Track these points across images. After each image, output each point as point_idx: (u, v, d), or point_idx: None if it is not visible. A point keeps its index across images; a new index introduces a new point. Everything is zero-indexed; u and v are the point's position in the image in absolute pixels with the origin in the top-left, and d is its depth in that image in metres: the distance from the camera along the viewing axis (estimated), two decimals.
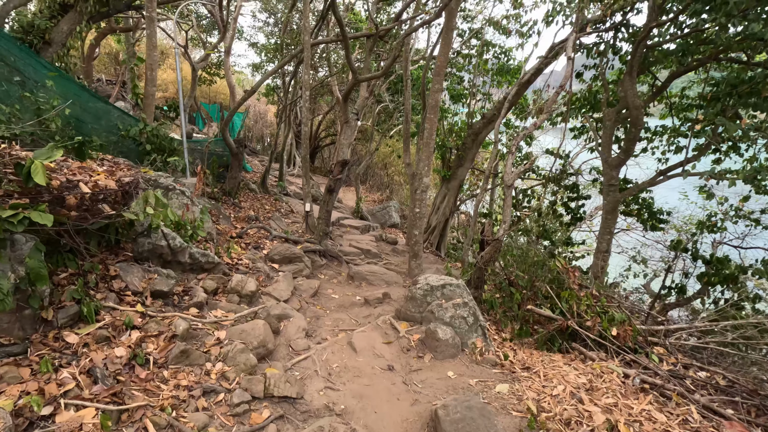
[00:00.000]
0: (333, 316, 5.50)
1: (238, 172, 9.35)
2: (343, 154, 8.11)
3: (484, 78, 12.05)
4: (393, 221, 15.17)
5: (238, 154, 9.25)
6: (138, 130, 6.49)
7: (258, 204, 10.42)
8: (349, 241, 10.46)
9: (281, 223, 8.97)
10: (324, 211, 7.99)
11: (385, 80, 14.79)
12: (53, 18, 8.03)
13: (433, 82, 6.78)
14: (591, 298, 5.16)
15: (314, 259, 7.42)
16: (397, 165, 17.70)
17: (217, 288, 4.58)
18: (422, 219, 7.21)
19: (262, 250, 6.82)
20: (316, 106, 20.95)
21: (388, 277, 7.10)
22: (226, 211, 8.34)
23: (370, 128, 15.39)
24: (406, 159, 10.90)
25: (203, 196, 7.85)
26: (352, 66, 7.17)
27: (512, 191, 5.64)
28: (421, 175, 7.07)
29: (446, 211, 11.63)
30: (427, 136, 6.92)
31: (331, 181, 7.86)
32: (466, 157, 11.35)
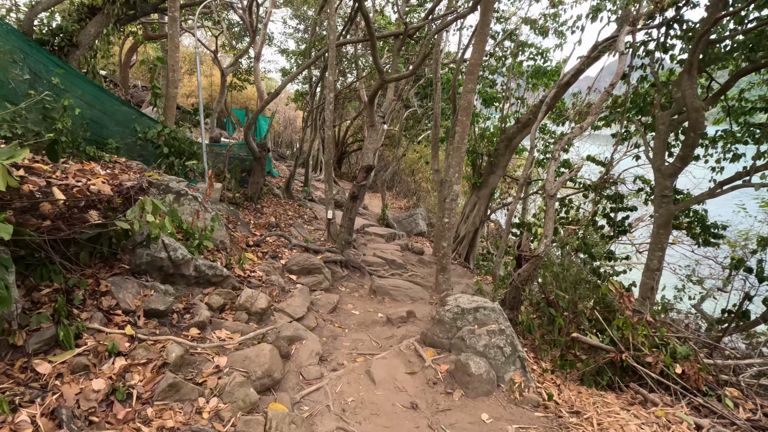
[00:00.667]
0: (352, 336, 4.96)
1: (260, 177, 8.99)
2: (368, 159, 7.61)
3: (519, 81, 11.34)
4: (420, 229, 14.56)
5: (261, 158, 8.89)
6: (156, 133, 6.17)
7: (281, 210, 10.05)
8: (374, 250, 9.93)
9: (303, 231, 8.53)
10: (347, 218, 7.50)
11: (414, 84, 14.27)
12: (81, 21, 7.90)
13: (465, 82, 6.20)
14: (648, 328, 4.42)
15: (335, 271, 6.92)
16: (425, 171, 17.10)
17: (224, 304, 4.12)
18: (451, 230, 6.61)
19: (280, 260, 6.37)
20: (344, 112, 20.64)
21: (413, 292, 6.51)
22: (246, 217, 7.96)
23: (397, 133, 14.88)
24: (434, 165, 10.31)
25: (222, 202, 7.50)
26: (378, 66, 6.67)
27: (555, 202, 4.98)
28: (450, 183, 6.47)
29: (476, 220, 10.95)
30: (458, 140, 6.32)
31: (355, 187, 7.36)
32: (498, 163, 10.66)
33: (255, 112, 8.33)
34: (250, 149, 8.63)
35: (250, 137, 8.46)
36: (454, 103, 10.10)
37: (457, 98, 10.11)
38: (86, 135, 5.39)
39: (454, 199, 6.50)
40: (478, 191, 11.01)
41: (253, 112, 8.41)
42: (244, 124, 8.19)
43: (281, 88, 8.05)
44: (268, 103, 8.21)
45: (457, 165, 6.43)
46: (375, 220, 14.04)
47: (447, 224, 6.58)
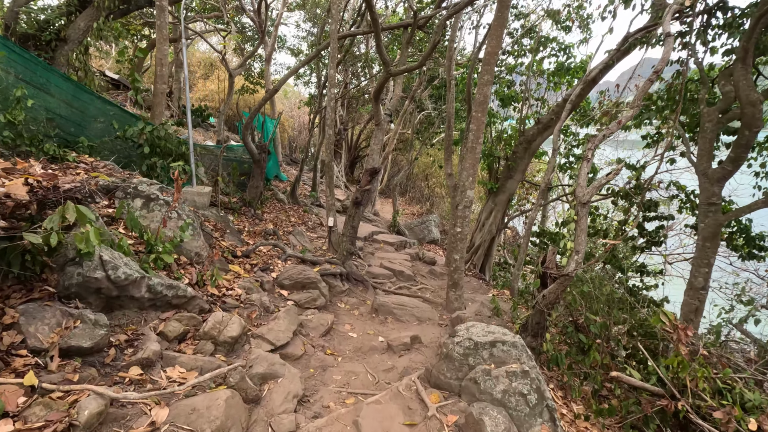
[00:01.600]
0: (345, 366, 4.15)
1: (259, 181, 8.28)
2: (373, 161, 6.83)
3: (539, 79, 10.43)
4: (432, 237, 13.70)
5: (260, 161, 8.18)
6: (137, 131, 5.50)
7: (283, 216, 9.32)
8: (381, 259, 9.11)
9: (303, 239, 7.77)
10: (349, 226, 6.71)
11: (427, 86, 13.47)
12: (70, 14, 7.33)
13: (481, 73, 5.37)
14: (709, 369, 3.49)
15: (334, 285, 6.12)
16: (439, 176, 16.25)
17: (184, 332, 3.35)
18: (464, 241, 5.76)
19: (271, 273, 5.61)
20: (357, 115, 19.95)
21: (420, 311, 5.66)
22: (241, 224, 7.24)
23: (410, 137, 14.08)
24: (447, 169, 9.46)
25: (214, 207, 6.79)
26: (383, 57, 5.89)
27: (587, 211, 4.11)
28: (464, 188, 5.63)
29: (492, 228, 10.05)
30: (472, 140, 5.48)
31: (358, 192, 6.57)
32: (516, 167, 9.75)
33: (253, 110, 7.64)
34: (249, 151, 7.94)
35: (248, 138, 7.77)
36: (469, 103, 9.26)
37: (473, 98, 9.26)
38: (53, 132, 4.73)
39: (468, 206, 5.65)
40: (494, 197, 10.11)
41: (251, 111, 7.72)
42: (243, 124, 7.49)
43: (279, 85, 7.35)
44: (266, 100, 7.52)
45: (471, 168, 5.58)
46: (385, 226, 13.24)
47: (459, 234, 5.73)
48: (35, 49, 7.00)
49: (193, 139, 5.92)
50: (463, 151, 9.45)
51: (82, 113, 5.19)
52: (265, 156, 8.19)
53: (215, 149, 9.20)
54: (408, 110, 13.20)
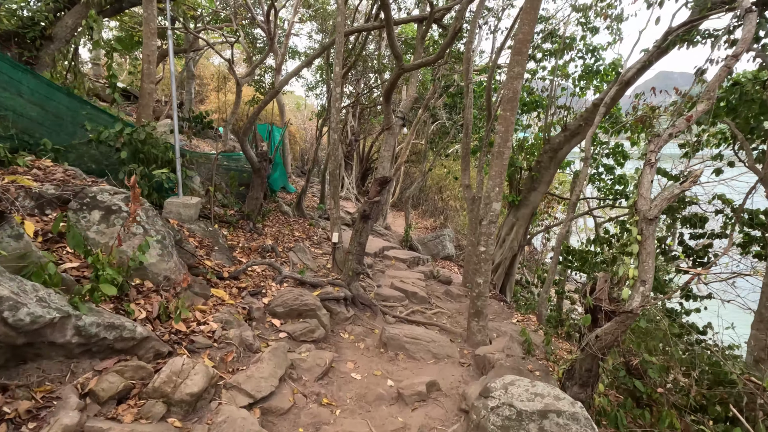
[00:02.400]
0: (343, 424, 3.23)
1: (259, 192, 7.48)
2: (383, 170, 5.97)
3: (563, 83, 9.53)
4: (447, 252, 12.74)
5: (261, 170, 7.39)
6: (113, 134, 4.73)
7: (286, 230, 8.49)
8: (392, 278, 8.19)
9: (305, 256, 6.91)
10: (356, 243, 5.84)
11: (441, 94, 12.65)
12: (58, 12, 6.71)
13: (510, 65, 4.50)
14: None
15: (336, 311, 5.23)
16: (453, 188, 15.33)
17: (127, 389, 2.49)
18: (488, 262, 4.83)
19: (263, 298, 4.74)
20: (369, 126, 19.23)
21: (438, 346, 4.71)
22: (236, 239, 6.42)
23: (423, 147, 13.24)
24: (464, 180, 8.56)
25: (205, 220, 5.99)
26: (395, 50, 5.08)
27: (655, 230, 3.17)
28: (489, 200, 4.72)
29: (514, 245, 9.07)
30: (499, 144, 4.59)
31: (366, 204, 5.71)
32: (540, 178, 8.81)
33: (252, 114, 6.88)
34: (248, 159, 7.16)
35: (247, 145, 7.00)
36: (489, 108, 8.40)
37: (493, 104, 8.40)
38: (5, 133, 3.98)
39: (494, 221, 4.73)
40: (516, 211, 9.15)
41: (250, 115, 6.96)
42: (241, 129, 6.73)
43: (280, 87, 6.61)
44: (266, 103, 6.77)
45: (497, 176, 4.68)
46: (397, 241, 12.34)
47: (483, 254, 4.80)
48: (18, 48, 6.37)
49: (179, 144, 5.14)
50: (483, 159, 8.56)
51: (45, 111, 4.44)
52: (267, 165, 7.40)
53: (228, 159, 8.46)
54: (422, 119, 12.38)
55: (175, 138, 5.13)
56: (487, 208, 4.73)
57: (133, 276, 3.34)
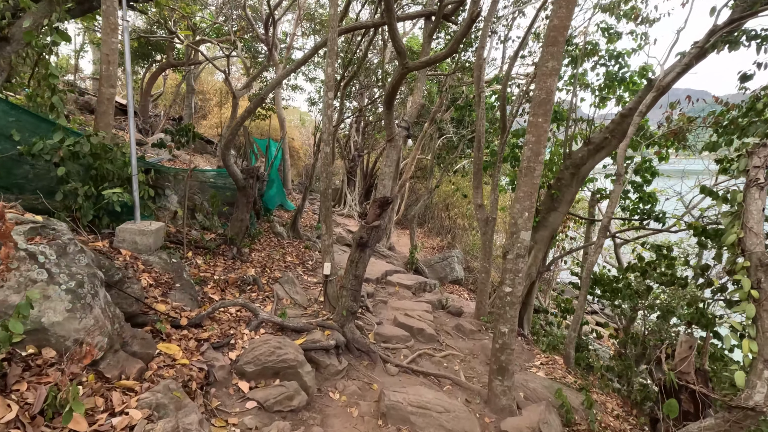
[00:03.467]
0: None
1: (244, 213, 6.47)
2: (384, 188, 4.95)
3: (580, 94, 8.54)
4: (455, 276, 11.63)
5: (246, 188, 6.40)
6: (50, 146, 3.76)
7: (277, 254, 7.46)
8: (396, 310, 7.12)
9: (294, 288, 5.85)
10: (351, 276, 4.79)
11: (449, 107, 11.72)
12: (18, 10, 5.83)
13: (542, 58, 3.51)
14: None
15: (325, 364, 4.15)
16: (461, 206, 14.28)
17: None
18: (515, 306, 3.76)
19: (230, 352, 3.68)
20: (372, 141, 18.33)
21: (452, 418, 3.59)
22: (211, 270, 5.39)
23: (429, 163, 12.25)
24: (476, 199, 7.53)
25: (174, 247, 4.97)
26: (398, 45, 4.11)
27: None
28: (516, 228, 3.67)
29: (532, 271, 7.96)
30: (529, 158, 3.57)
31: (364, 230, 4.67)
32: (562, 197, 7.74)
33: (235, 123, 5.93)
34: (231, 175, 6.19)
35: (229, 159, 6.03)
36: (504, 120, 7.40)
37: (507, 116, 7.41)
38: None
39: (522, 254, 3.67)
40: (534, 233, 8.06)
41: (234, 124, 6.01)
42: (222, 142, 5.76)
43: (266, 93, 5.69)
44: (250, 112, 5.82)
45: (526, 198, 3.64)
46: (402, 263, 11.26)
47: (509, 296, 3.74)
48: None
49: (136, 156, 4.16)
50: (497, 176, 7.52)
51: None
52: (253, 182, 6.41)
53: (198, 174, 7.50)
54: (428, 134, 11.42)
55: (131, 150, 4.15)
56: (513, 239, 3.68)
57: (26, 343, 2.32)
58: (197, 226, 6.63)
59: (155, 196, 6.18)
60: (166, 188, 6.22)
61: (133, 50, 16.87)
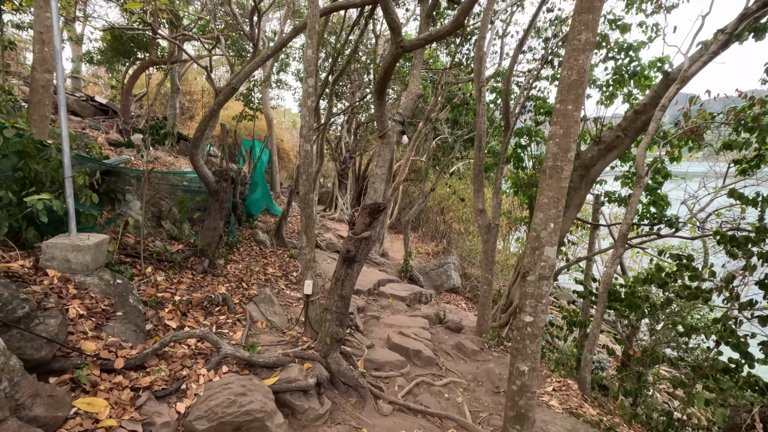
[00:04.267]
0: None
1: (218, 220, 5.65)
2: (375, 192, 4.17)
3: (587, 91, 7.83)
4: (452, 284, 10.86)
5: (219, 192, 5.58)
6: None
7: (257, 265, 6.64)
8: (389, 327, 6.34)
9: (271, 308, 5.03)
10: (336, 296, 3.99)
11: (445, 106, 10.98)
12: None
13: (572, 30, 2.76)
14: None
15: (302, 408, 3.35)
16: (457, 209, 13.54)
17: None
18: (537, 339, 3.00)
19: (178, 402, 2.87)
20: (365, 143, 17.57)
21: None
22: (174, 287, 4.56)
23: (424, 165, 11.50)
24: (477, 204, 6.78)
25: (131, 262, 4.14)
26: (392, 20, 3.35)
27: None
28: (539, 243, 2.90)
29: None
30: (555, 155, 2.82)
31: (351, 242, 3.88)
32: (569, 202, 7.01)
33: (201, 121, 5.12)
34: (201, 177, 5.37)
35: (199, 159, 5.21)
36: (507, 116, 6.67)
37: (511, 112, 6.67)
38: None
39: (547, 276, 2.90)
40: None
41: (203, 119, 5.19)
42: (192, 140, 4.93)
43: (239, 83, 4.88)
44: (220, 106, 5.03)
45: (551, 205, 2.88)
46: (395, 271, 10.48)
47: (529, 326, 2.97)
48: None
49: (69, 157, 3.32)
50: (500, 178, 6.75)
51: None
52: (228, 186, 5.59)
53: (170, 177, 6.67)
54: (422, 134, 10.67)
55: (64, 147, 3.32)
56: (536, 256, 2.91)
57: None
58: (164, 236, 5.79)
59: (114, 201, 5.34)
60: (126, 193, 5.38)
61: (111, 47, 15.94)
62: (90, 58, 17.32)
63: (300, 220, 4.23)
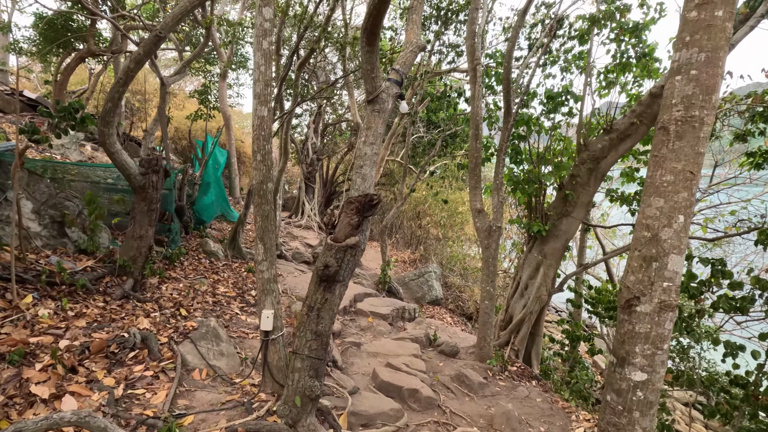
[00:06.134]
0: None
1: (146, 226, 4.10)
2: (362, 181, 2.84)
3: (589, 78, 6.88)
4: (434, 295, 9.63)
5: (147, 187, 4.05)
6: None
7: (204, 284, 5.11)
8: (374, 356, 4.99)
9: (217, 346, 3.55)
10: (310, 333, 2.62)
11: (423, 99, 9.82)
12: None
13: None
14: None
15: None
16: (434, 213, 12.37)
17: None
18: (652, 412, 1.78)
19: None
20: (333, 145, 16.20)
21: None
22: (65, 325, 3.01)
23: (404, 163, 10.28)
24: (475, 203, 5.59)
25: None
26: None
27: None
28: (660, 248, 1.66)
29: (542, 292, 6.10)
30: (688, 98, 1.61)
31: (331, 254, 2.53)
32: (577, 199, 5.97)
33: (115, 84, 3.62)
34: (118, 167, 3.84)
35: (113, 141, 3.67)
36: (508, 100, 5.54)
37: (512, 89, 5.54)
38: None
39: (673, 306, 1.67)
40: (542, 245, 6.23)
41: (114, 84, 3.67)
42: (101, 115, 3.37)
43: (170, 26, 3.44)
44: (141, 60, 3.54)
45: (681, 184, 1.66)
46: (372, 283, 9.13)
47: (640, 391, 1.72)
48: None
49: None
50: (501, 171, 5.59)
51: None
52: (158, 180, 4.07)
53: (88, 171, 5.06)
54: (398, 129, 9.44)
55: None
56: (653, 271, 1.68)
57: None
58: (71, 249, 4.19)
59: None
60: (8, 189, 3.76)
61: (44, 35, 13.78)
62: (19, 48, 14.96)
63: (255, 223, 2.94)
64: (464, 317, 10.11)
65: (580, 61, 6.86)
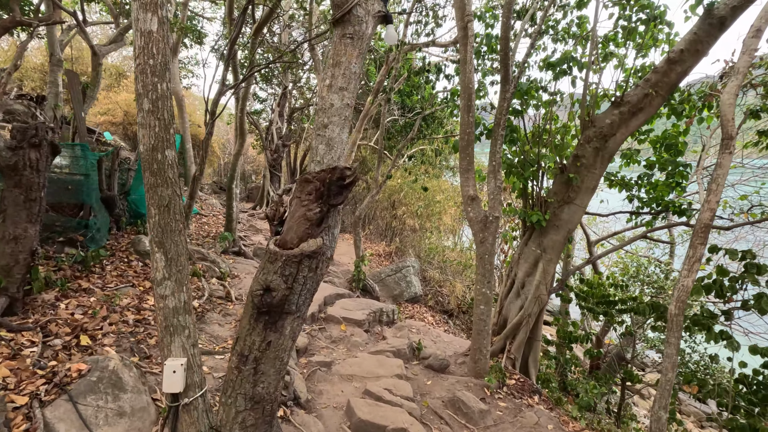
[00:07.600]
0: None
1: (24, 225, 2.84)
2: (328, 148, 1.76)
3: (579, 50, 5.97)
4: (413, 292, 8.66)
5: (20, 167, 2.78)
6: None
7: (124, 297, 3.88)
8: (348, 382, 3.95)
9: (115, 403, 2.40)
10: (242, 400, 1.54)
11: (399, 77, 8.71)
12: None
13: None
14: None
15: None
16: (409, 203, 11.37)
17: None
18: None
19: None
20: (300, 130, 14.87)
21: None
22: None
23: (379, 147, 9.17)
24: (467, 189, 4.58)
25: None
26: None
27: None
28: None
29: (541, 291, 5.21)
30: None
31: (275, 271, 1.45)
32: (581, 183, 5.09)
33: None
34: None
35: None
36: (506, 66, 4.52)
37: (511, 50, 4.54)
38: None
39: None
40: (541, 237, 5.33)
41: None
42: None
43: None
44: None
45: None
46: (344, 280, 8.05)
47: None
48: None
49: None
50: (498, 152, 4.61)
51: None
52: (39, 159, 2.82)
53: None
54: (372, 109, 8.30)
55: None
56: None
57: None
58: None
59: None
60: None
61: None
62: None
63: (148, 218, 1.97)
64: (445, 314, 9.23)
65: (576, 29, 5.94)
